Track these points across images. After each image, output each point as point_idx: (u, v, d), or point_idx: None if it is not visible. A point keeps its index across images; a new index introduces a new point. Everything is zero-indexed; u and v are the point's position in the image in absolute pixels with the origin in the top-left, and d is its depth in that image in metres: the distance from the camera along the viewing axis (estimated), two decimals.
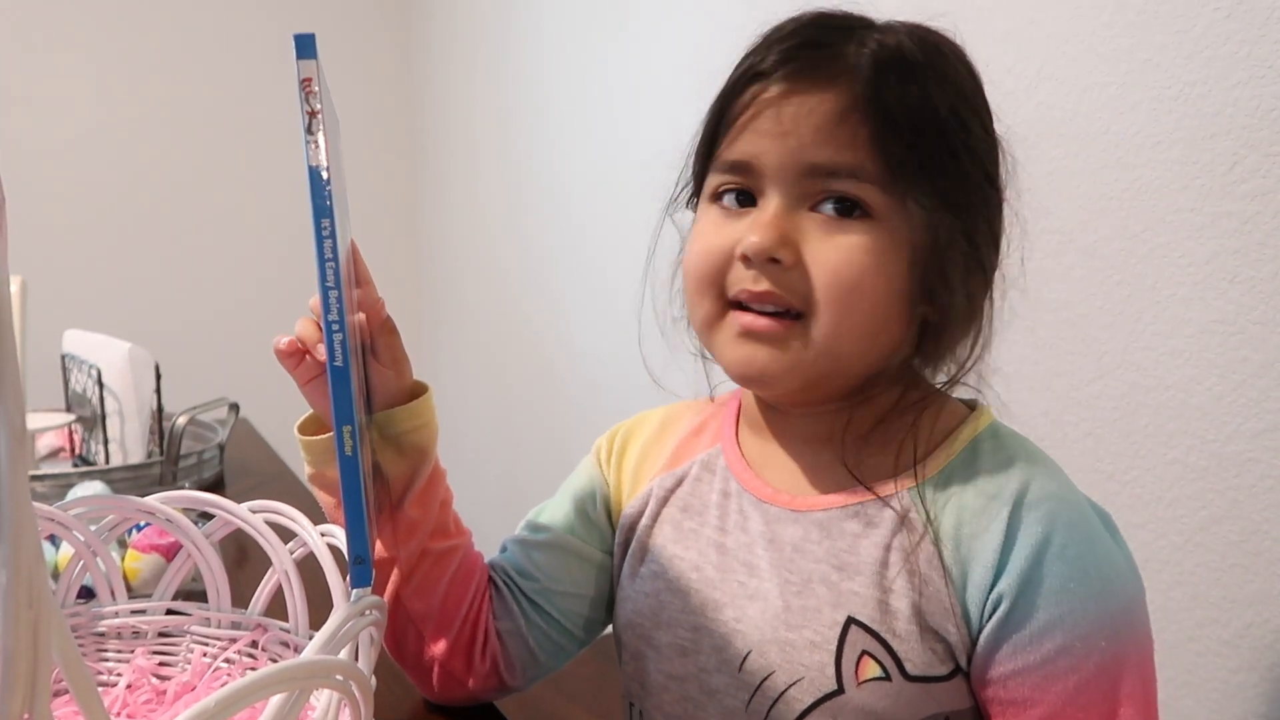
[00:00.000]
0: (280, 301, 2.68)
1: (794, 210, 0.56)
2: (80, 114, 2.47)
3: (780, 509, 0.62)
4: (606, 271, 1.96)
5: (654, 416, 0.76)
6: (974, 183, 0.57)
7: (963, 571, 0.55)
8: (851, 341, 0.56)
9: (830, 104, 0.55)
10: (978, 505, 0.56)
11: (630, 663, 0.68)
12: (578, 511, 0.73)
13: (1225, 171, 0.83)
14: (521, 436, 2.35)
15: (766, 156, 0.57)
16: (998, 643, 0.54)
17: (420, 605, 0.68)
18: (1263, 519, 0.82)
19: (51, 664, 0.26)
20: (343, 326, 0.51)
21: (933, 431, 0.60)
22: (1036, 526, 0.54)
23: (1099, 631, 0.53)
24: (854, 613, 0.57)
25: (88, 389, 1.27)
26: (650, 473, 0.71)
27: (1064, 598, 0.53)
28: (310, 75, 0.48)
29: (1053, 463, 0.59)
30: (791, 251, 0.56)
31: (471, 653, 0.70)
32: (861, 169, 0.54)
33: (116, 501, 0.59)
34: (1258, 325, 0.81)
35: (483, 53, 2.47)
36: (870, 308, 0.56)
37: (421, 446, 0.65)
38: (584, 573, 0.72)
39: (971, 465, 0.58)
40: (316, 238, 0.50)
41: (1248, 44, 0.81)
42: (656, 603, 0.65)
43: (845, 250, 0.55)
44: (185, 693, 0.58)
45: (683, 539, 0.66)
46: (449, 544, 0.68)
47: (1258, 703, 0.83)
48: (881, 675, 0.55)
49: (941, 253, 0.56)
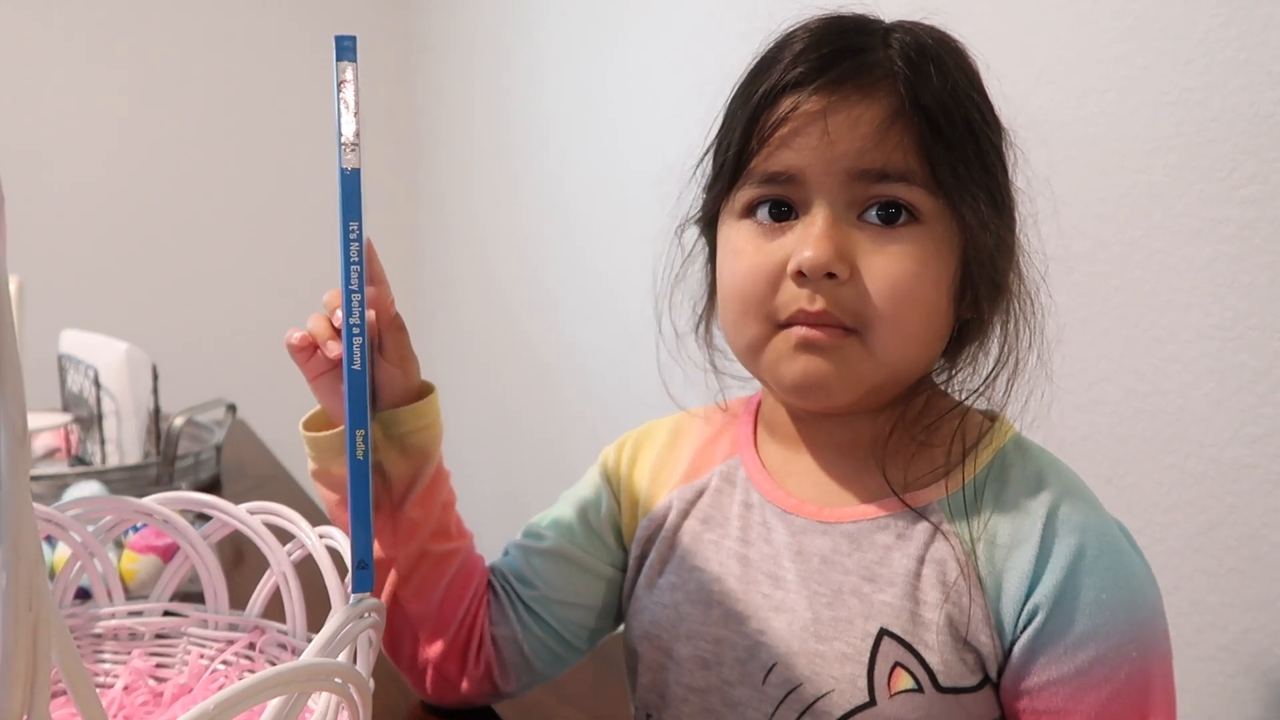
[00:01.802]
0: (279, 303, 2.68)
1: (842, 221, 0.55)
2: (78, 114, 2.47)
3: (806, 520, 0.61)
4: (603, 276, 1.96)
5: (663, 427, 0.75)
6: (1004, 179, 0.58)
7: (997, 582, 0.55)
8: (909, 349, 0.57)
9: (877, 110, 0.54)
10: (1011, 516, 0.56)
11: (647, 674, 0.67)
12: (580, 520, 0.72)
13: (1223, 177, 0.83)
14: (517, 442, 2.35)
15: (812, 168, 0.55)
16: (1033, 654, 0.54)
17: (418, 607, 0.67)
18: (1260, 524, 0.82)
19: (51, 665, 0.26)
20: (363, 330, 0.50)
21: (961, 441, 0.60)
22: (1071, 538, 0.54)
23: (1130, 642, 0.53)
24: (886, 624, 0.56)
25: (84, 389, 1.27)
26: (668, 484, 0.70)
27: (1098, 609, 0.53)
28: (348, 78, 0.48)
29: (1075, 473, 0.60)
30: (847, 265, 0.54)
31: (466, 656, 0.70)
32: (911, 172, 0.54)
33: (114, 502, 0.59)
34: (1256, 331, 0.81)
35: (479, 56, 2.47)
36: (925, 316, 0.56)
37: (425, 447, 0.64)
38: (584, 582, 0.71)
39: (1001, 477, 0.58)
40: (344, 241, 0.50)
41: (1246, 50, 0.81)
42: (676, 614, 0.64)
43: (899, 260, 0.54)
44: (182, 695, 0.58)
45: (703, 551, 0.65)
46: (449, 546, 0.68)
47: (1255, 707, 0.83)
48: (914, 687, 0.55)
49: (988, 252, 0.56)
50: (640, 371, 1.85)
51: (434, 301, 2.82)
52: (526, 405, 2.33)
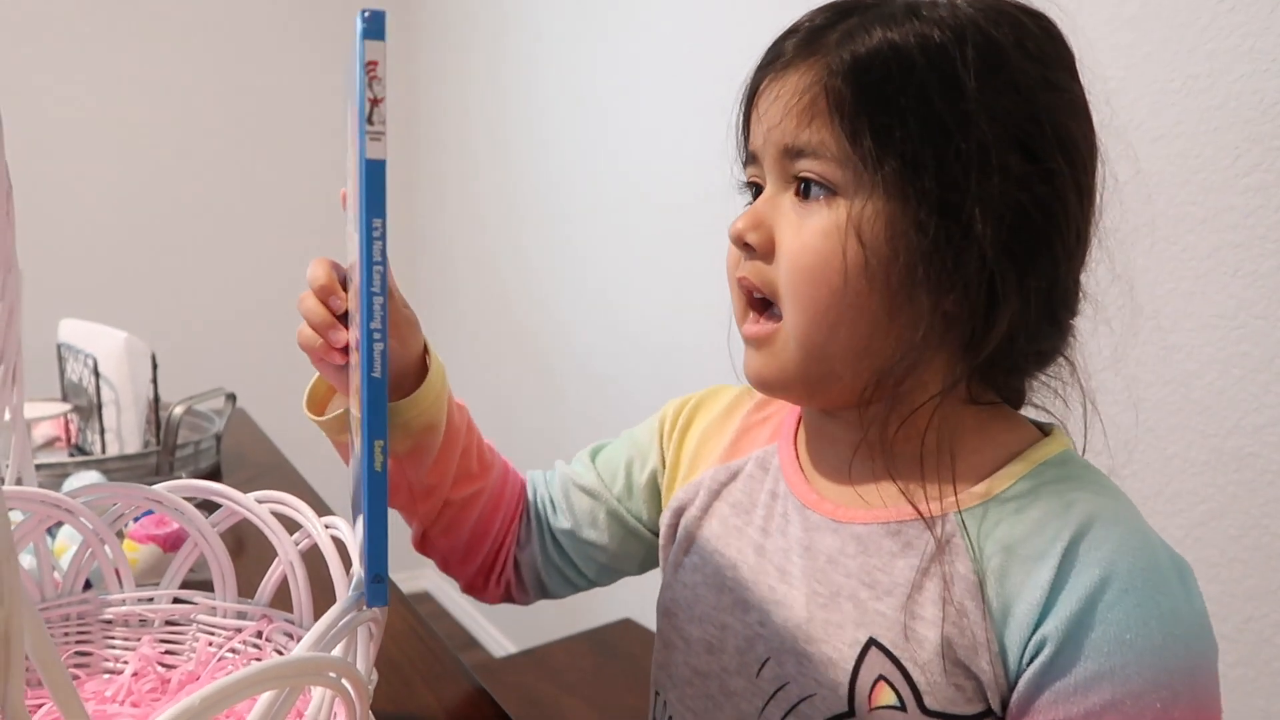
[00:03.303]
0: (278, 291, 2.68)
1: (780, 196, 0.55)
2: (76, 103, 2.46)
3: (822, 517, 0.59)
4: (602, 270, 1.96)
5: (725, 395, 0.74)
6: (967, 158, 0.50)
7: (1004, 606, 0.50)
8: (825, 330, 0.53)
9: (791, 87, 0.53)
10: (1031, 537, 0.51)
11: (662, 651, 0.68)
12: (625, 469, 0.74)
13: (1227, 165, 0.83)
14: (517, 436, 2.35)
15: (760, 148, 0.56)
16: (1038, 689, 0.49)
17: (446, 543, 0.72)
18: (1262, 514, 0.82)
19: (24, 657, 0.26)
20: (384, 335, 0.46)
21: (993, 451, 0.55)
22: (1095, 568, 0.49)
23: (1154, 691, 0.47)
24: (876, 634, 0.53)
25: (84, 378, 1.26)
26: (708, 460, 0.70)
27: (1118, 649, 0.47)
28: (377, 58, 0.43)
29: (1127, 500, 0.54)
30: (762, 236, 0.55)
31: (489, 578, 0.76)
32: (822, 146, 0.52)
33: (124, 490, 0.58)
34: (1259, 320, 0.81)
35: (479, 45, 2.46)
36: (834, 294, 0.52)
37: (430, 424, 0.64)
38: (612, 528, 0.74)
39: (1032, 493, 0.53)
40: (364, 239, 0.46)
41: (1250, 37, 0.80)
42: (693, 595, 0.65)
43: (803, 234, 0.53)
44: (189, 682, 0.58)
45: (727, 535, 0.65)
46: (472, 490, 0.70)
47: (1256, 697, 0.84)
48: (896, 704, 0.52)
49: (929, 233, 0.50)
50: (639, 365, 1.85)
51: (433, 298, 2.81)
52: (526, 400, 2.33)
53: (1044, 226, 0.51)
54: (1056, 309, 0.54)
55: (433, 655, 0.79)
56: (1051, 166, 0.51)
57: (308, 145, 2.68)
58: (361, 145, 0.44)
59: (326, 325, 0.56)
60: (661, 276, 1.75)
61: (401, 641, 0.81)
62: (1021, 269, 0.51)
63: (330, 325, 0.56)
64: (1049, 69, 0.52)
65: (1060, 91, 0.53)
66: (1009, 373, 0.56)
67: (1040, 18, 0.54)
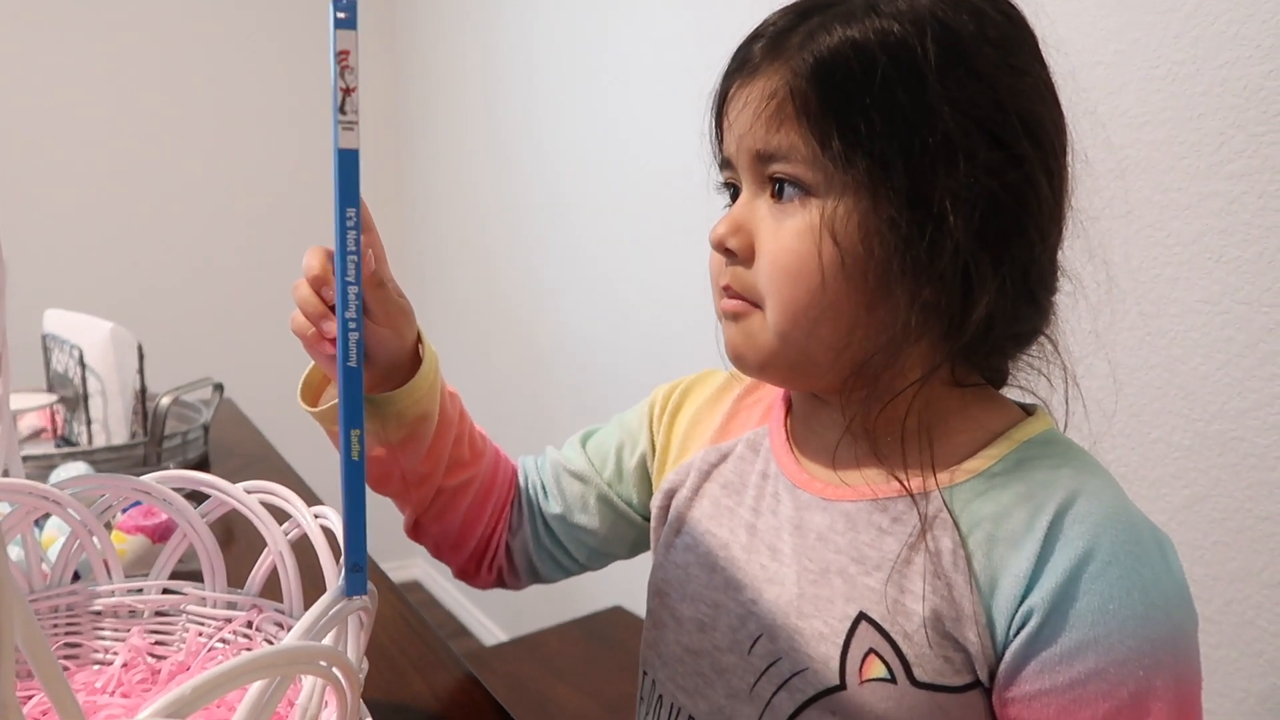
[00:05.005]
0: (265, 281, 2.67)
1: (757, 200, 0.56)
2: (61, 94, 2.43)
3: (812, 496, 0.60)
4: (595, 256, 1.96)
5: (715, 378, 0.75)
6: (935, 152, 0.50)
7: (991, 579, 0.52)
8: (805, 327, 0.54)
9: (758, 91, 0.54)
10: (1016, 511, 0.52)
11: (652, 630, 0.69)
12: (615, 454, 0.75)
13: (1212, 151, 0.83)
14: (509, 421, 2.35)
15: (734, 153, 0.57)
16: (1024, 659, 0.51)
17: (438, 529, 0.73)
18: (1245, 497, 0.83)
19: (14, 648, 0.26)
20: (360, 325, 0.47)
21: (977, 431, 0.57)
22: (1079, 540, 0.50)
23: (1137, 659, 0.49)
24: (866, 609, 0.55)
25: (69, 369, 1.26)
26: (698, 442, 0.71)
27: (1101, 619, 0.49)
28: (349, 47, 0.43)
29: (1109, 476, 0.55)
30: (742, 240, 0.56)
31: (481, 563, 0.77)
32: (792, 148, 0.53)
33: (112, 481, 0.58)
34: (1243, 305, 0.82)
35: (471, 35, 2.44)
36: (813, 291, 0.53)
37: (424, 413, 0.65)
38: (602, 513, 0.75)
39: (1016, 470, 0.54)
40: (339, 228, 0.46)
41: (1235, 23, 0.81)
42: (685, 575, 0.66)
43: (781, 237, 0.54)
44: (180, 672, 0.58)
45: (719, 515, 0.66)
46: (464, 477, 0.71)
47: (1238, 678, 0.85)
48: (886, 676, 0.53)
49: (902, 228, 0.51)
50: (632, 352, 1.85)
51: (426, 284, 2.80)
52: (519, 385, 2.33)
53: (1016, 212, 0.52)
54: (1035, 290, 0.55)
55: (424, 643, 0.80)
56: (1019, 152, 0.52)
57: (294, 134, 2.66)
58: (335, 135, 0.44)
59: (319, 315, 0.57)
60: (653, 262, 1.75)
61: (392, 630, 0.81)
62: (996, 255, 0.52)
63: (323, 315, 0.57)
64: (1011, 54, 0.53)
65: (1024, 76, 0.53)
66: (991, 354, 0.57)
67: (1000, 2, 0.54)
